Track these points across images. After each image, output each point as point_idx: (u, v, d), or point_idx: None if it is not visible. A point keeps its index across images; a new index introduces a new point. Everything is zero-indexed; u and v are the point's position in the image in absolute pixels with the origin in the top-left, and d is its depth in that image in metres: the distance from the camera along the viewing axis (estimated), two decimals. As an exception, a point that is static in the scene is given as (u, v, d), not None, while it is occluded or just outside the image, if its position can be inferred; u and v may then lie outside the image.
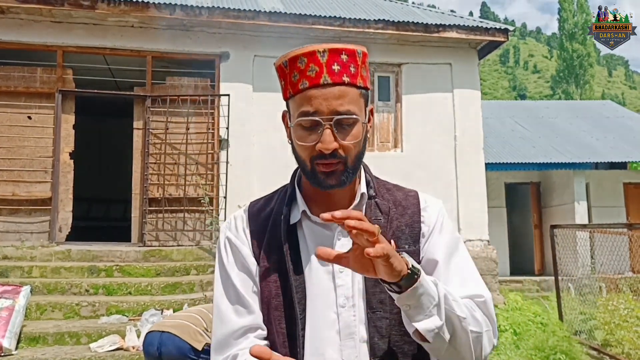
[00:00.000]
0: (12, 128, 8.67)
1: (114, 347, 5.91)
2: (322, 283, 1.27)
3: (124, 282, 7.37)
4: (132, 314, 6.76)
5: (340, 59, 1.21)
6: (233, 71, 9.19)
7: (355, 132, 1.23)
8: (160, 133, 8.96)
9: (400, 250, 1.13)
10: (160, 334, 3.71)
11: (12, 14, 8.58)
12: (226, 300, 1.30)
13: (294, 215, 1.33)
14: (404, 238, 1.31)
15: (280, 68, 1.28)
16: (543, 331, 7.26)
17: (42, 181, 8.66)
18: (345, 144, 1.22)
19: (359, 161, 1.28)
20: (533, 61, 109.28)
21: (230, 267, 1.32)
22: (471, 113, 9.91)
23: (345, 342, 1.24)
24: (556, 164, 12.75)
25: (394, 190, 1.40)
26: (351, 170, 1.25)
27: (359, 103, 1.24)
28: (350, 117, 1.21)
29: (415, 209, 1.34)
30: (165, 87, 9.22)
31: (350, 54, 1.23)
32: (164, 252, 8.28)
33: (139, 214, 8.92)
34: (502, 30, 9.87)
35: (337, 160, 1.22)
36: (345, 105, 1.21)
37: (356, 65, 1.23)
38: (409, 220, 1.33)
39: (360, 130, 1.24)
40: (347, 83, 1.21)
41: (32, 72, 8.82)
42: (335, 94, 1.20)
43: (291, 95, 1.26)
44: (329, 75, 1.20)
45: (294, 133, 1.26)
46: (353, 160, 1.25)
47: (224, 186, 8.78)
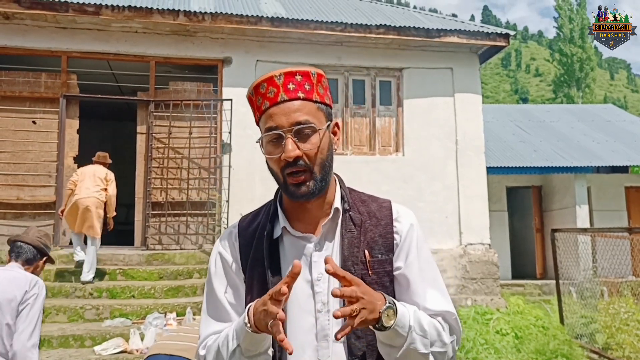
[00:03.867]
0: (17, 133, 8.74)
1: (118, 350, 5.96)
2: (303, 291, 1.37)
3: (128, 285, 7.42)
4: (135, 317, 6.82)
5: (294, 79, 1.33)
6: (235, 76, 9.25)
7: (315, 140, 1.32)
8: (163, 137, 9.02)
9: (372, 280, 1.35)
10: (169, 357, 3.68)
11: (17, 20, 8.66)
12: (208, 308, 1.46)
13: (276, 231, 1.43)
14: (377, 248, 1.40)
15: (249, 98, 1.42)
16: (544, 335, 7.29)
17: (46, 185, 8.72)
18: (307, 152, 1.31)
19: (325, 170, 1.35)
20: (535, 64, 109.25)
21: (216, 279, 1.46)
22: (472, 117, 9.96)
23: (321, 343, 1.35)
24: (558, 167, 12.77)
25: (369, 202, 1.47)
26: (319, 179, 1.34)
27: (317, 115, 1.34)
28: (309, 125, 1.31)
29: (388, 220, 1.42)
30: (169, 92, 9.29)
31: (304, 75, 1.34)
32: (166, 255, 8.33)
33: (142, 217, 8.97)
34: (503, 35, 9.92)
35: (302, 168, 1.32)
36: (302, 116, 1.31)
37: (311, 84, 1.34)
38: (382, 230, 1.41)
39: (321, 139, 1.33)
40: (302, 98, 1.33)
41: (36, 77, 8.90)
42: (292, 107, 1.31)
43: (259, 118, 1.39)
44: (285, 93, 1.32)
45: (264, 150, 1.38)
46: (319, 168, 1.33)
47: (226, 190, 8.84)
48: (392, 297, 1.27)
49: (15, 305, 2.98)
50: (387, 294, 1.27)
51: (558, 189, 13.51)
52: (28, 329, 2.95)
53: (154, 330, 6.13)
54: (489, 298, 9.43)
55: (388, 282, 1.38)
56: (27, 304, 3.00)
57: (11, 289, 3.01)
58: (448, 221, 9.57)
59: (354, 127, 9.73)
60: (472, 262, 9.58)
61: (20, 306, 2.99)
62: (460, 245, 9.63)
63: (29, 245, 3.31)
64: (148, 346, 5.92)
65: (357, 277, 1.24)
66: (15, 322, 2.96)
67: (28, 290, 3.04)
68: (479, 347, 6.58)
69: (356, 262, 1.36)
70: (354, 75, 9.84)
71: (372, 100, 9.84)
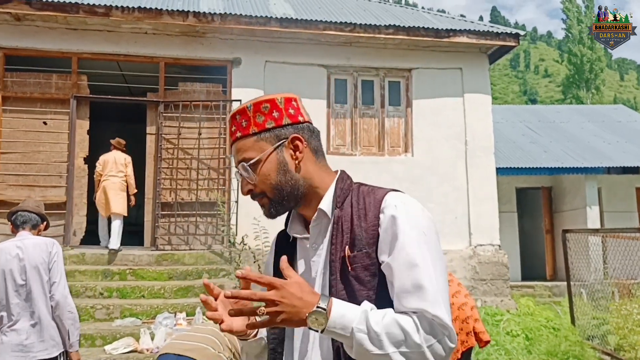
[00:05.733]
0: (28, 133, 8.80)
1: (129, 350, 5.99)
2: None
3: (138, 285, 7.45)
4: (145, 317, 6.84)
5: (235, 121, 1.48)
6: (244, 77, 9.27)
7: (262, 171, 1.45)
8: (173, 138, 9.05)
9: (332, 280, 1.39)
10: (177, 357, 3.71)
11: (28, 21, 8.72)
12: None
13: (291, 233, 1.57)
14: (360, 243, 1.40)
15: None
16: (555, 336, 7.25)
17: (57, 186, 8.77)
18: (255, 183, 1.46)
19: (279, 190, 1.46)
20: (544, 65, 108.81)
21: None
22: (482, 117, 9.92)
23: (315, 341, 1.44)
24: (568, 168, 12.69)
25: (368, 195, 1.47)
26: (275, 201, 1.47)
27: (257, 145, 1.45)
28: (248, 162, 1.45)
29: (375, 213, 1.42)
30: (178, 92, 9.32)
31: (241, 112, 1.47)
32: (176, 255, 8.35)
33: (151, 218, 9.00)
34: (513, 35, 9.88)
35: (259, 197, 1.49)
36: (242, 155, 1.46)
37: (247, 119, 1.46)
38: (367, 225, 1.41)
39: (268, 166, 1.45)
40: (240, 137, 1.47)
41: (47, 78, 8.95)
42: (235, 149, 1.48)
43: None
44: (231, 137, 1.50)
45: None
46: (271, 191, 1.46)
47: (235, 191, 8.84)
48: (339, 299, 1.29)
49: (46, 266, 3.61)
50: (367, 289, 1.36)
51: (568, 190, 13.43)
52: (62, 281, 3.64)
53: (164, 330, 6.14)
54: (499, 299, 9.39)
55: (368, 277, 1.37)
56: (54, 262, 3.64)
57: (39, 253, 3.61)
58: (457, 222, 9.54)
59: (362, 127, 9.72)
60: (482, 263, 9.53)
61: (50, 264, 3.63)
62: (470, 246, 9.59)
63: (32, 213, 3.81)
64: (158, 345, 5.94)
65: (338, 274, 1.38)
66: (49, 278, 3.61)
67: (51, 251, 3.66)
68: (489, 349, 6.54)
69: (335, 259, 1.40)
70: (362, 75, 9.83)
71: (381, 100, 9.82)
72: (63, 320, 3.57)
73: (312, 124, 1.53)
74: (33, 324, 3.54)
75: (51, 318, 3.59)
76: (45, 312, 3.56)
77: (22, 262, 3.57)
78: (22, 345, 3.49)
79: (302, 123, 1.49)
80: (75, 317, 3.64)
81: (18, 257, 3.58)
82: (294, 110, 1.49)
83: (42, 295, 3.58)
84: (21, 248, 3.62)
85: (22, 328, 3.52)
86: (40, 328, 3.54)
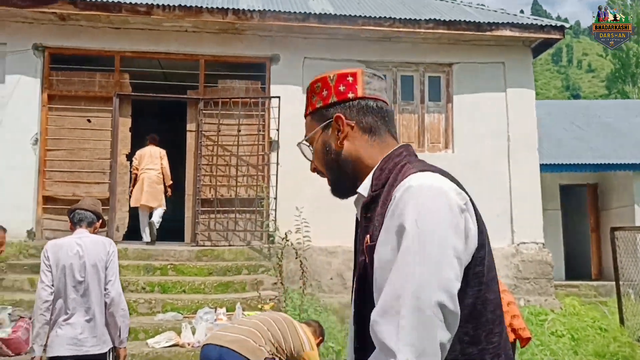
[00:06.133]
0: (73, 131, 9.00)
1: (170, 344, 6.06)
2: None
3: (178, 280, 7.53)
4: (186, 311, 6.91)
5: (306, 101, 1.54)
6: (283, 73, 9.27)
7: (315, 150, 1.49)
8: (213, 135, 9.12)
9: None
10: (219, 348, 3.74)
11: (72, 21, 8.91)
12: None
13: None
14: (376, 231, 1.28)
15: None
16: (603, 337, 7.02)
17: (101, 182, 8.94)
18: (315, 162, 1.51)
19: (330, 169, 1.47)
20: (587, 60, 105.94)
21: None
22: (525, 113, 9.68)
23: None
24: (615, 165, 12.29)
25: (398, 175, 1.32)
26: (333, 180, 1.49)
27: (312, 126, 1.49)
28: (306, 142, 1.51)
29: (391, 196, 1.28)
30: (217, 90, 9.39)
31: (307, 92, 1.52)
32: (216, 251, 8.41)
33: (191, 214, 9.09)
34: (557, 28, 9.61)
35: (320, 175, 1.52)
36: (305, 134, 1.52)
37: (308, 98, 1.51)
38: (383, 210, 1.28)
39: (317, 146, 1.48)
40: (305, 116, 1.53)
41: (91, 76, 9.13)
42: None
43: None
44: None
45: None
46: (326, 171, 1.49)
47: (274, 187, 8.86)
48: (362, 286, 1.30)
49: (104, 264, 3.74)
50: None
51: (615, 187, 13.01)
52: (117, 279, 3.80)
53: (205, 324, 6.19)
54: (543, 298, 9.15)
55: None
56: (111, 260, 3.78)
57: (98, 252, 3.75)
58: (499, 220, 9.32)
59: (402, 123, 9.60)
60: (525, 262, 9.31)
61: (107, 263, 3.76)
62: (513, 245, 9.38)
63: (88, 211, 3.93)
64: (199, 340, 5.99)
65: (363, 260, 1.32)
66: (105, 275, 3.74)
67: (109, 250, 3.80)
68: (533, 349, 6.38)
69: (359, 248, 1.40)
70: (402, 71, 9.71)
71: (421, 96, 9.69)
72: (116, 317, 3.69)
73: (371, 99, 1.44)
74: (88, 319, 3.64)
75: (104, 315, 3.71)
76: (99, 309, 3.69)
77: (82, 259, 3.69)
78: (76, 339, 3.59)
79: (352, 100, 1.44)
80: (127, 315, 3.78)
81: (78, 254, 3.69)
82: (345, 87, 1.44)
83: (98, 293, 3.71)
84: (81, 245, 3.74)
85: (77, 322, 3.62)
86: (94, 324, 3.65)
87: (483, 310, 1.22)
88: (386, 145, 1.43)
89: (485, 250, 1.25)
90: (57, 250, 3.74)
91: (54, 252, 3.74)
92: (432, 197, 1.19)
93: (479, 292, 1.22)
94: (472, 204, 1.26)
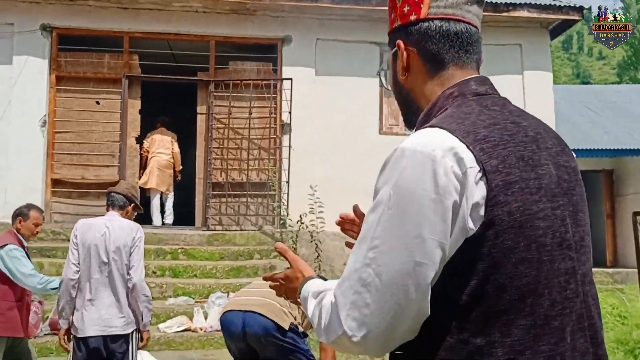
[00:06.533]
0: (82, 113, 8.86)
1: (182, 328, 5.96)
2: None
3: (190, 265, 7.42)
4: (198, 296, 6.80)
5: None
6: (295, 55, 9.08)
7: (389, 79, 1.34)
8: (224, 118, 8.96)
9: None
10: (243, 313, 3.56)
11: (81, 1, 8.74)
12: None
13: None
14: None
15: None
16: (623, 324, 6.85)
17: (110, 165, 8.82)
18: None
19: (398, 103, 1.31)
20: (598, 47, 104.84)
21: None
22: (542, 95, 9.47)
23: None
24: (631, 150, 12.05)
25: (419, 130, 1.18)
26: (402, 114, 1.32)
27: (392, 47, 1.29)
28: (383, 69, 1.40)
29: None
30: (228, 71, 9.21)
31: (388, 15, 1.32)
32: (227, 236, 8.30)
33: (202, 198, 8.96)
34: (576, 9, 9.36)
35: None
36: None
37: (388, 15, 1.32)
38: None
39: (388, 76, 1.34)
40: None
41: (99, 58, 8.98)
42: None
43: None
44: None
45: None
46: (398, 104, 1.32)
47: (286, 171, 8.70)
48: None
49: (128, 249, 3.73)
50: None
51: (632, 173, 12.77)
52: (140, 265, 3.76)
53: (217, 309, 6.06)
54: (559, 285, 8.99)
55: None
56: (136, 246, 3.76)
57: (123, 236, 3.74)
58: (515, 205, 9.15)
59: (416, 106, 9.39)
60: (541, 248, 9.14)
61: (132, 249, 3.74)
62: (528, 230, 9.20)
63: (120, 194, 3.94)
64: (212, 325, 5.88)
65: None
66: (129, 260, 3.73)
67: (135, 236, 3.78)
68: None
69: None
70: (416, 52, 9.48)
71: (436, 78, 9.46)
72: (138, 302, 3.72)
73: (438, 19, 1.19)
74: (112, 300, 3.67)
75: (127, 297, 3.73)
76: (122, 291, 3.70)
77: (107, 241, 3.72)
78: (101, 319, 3.63)
79: (414, 23, 1.21)
80: (150, 300, 3.80)
81: (105, 235, 3.73)
82: (409, 7, 1.22)
83: (121, 276, 3.71)
84: (108, 228, 3.78)
85: (102, 303, 3.66)
86: (118, 305, 3.68)
87: (496, 297, 1.03)
88: (449, 79, 1.20)
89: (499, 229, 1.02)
90: (86, 230, 3.79)
91: (83, 231, 3.79)
92: (413, 166, 1.02)
93: (486, 277, 1.02)
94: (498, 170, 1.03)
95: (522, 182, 1.04)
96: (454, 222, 1.01)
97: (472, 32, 1.21)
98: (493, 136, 1.06)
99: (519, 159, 1.06)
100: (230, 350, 3.83)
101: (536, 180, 1.06)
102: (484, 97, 1.17)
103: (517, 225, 1.02)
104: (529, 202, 1.04)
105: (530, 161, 1.08)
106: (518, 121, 1.15)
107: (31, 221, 4.25)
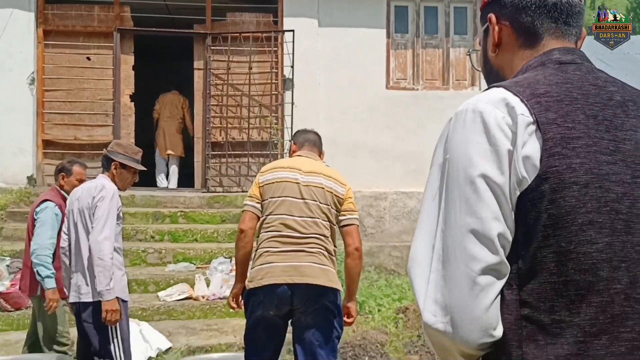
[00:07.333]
0: (72, 70, 8.38)
1: (183, 297, 5.66)
2: None
3: (189, 228, 7.10)
4: (199, 261, 6.49)
5: None
6: (297, 5, 8.52)
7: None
8: (222, 73, 8.49)
9: None
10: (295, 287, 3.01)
11: (66, -52, 8.14)
12: None
13: None
14: None
15: None
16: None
17: (104, 125, 8.40)
18: None
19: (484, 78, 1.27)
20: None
21: None
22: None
23: None
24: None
25: None
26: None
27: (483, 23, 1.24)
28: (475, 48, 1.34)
29: None
30: (226, 24, 8.68)
31: None
32: (228, 198, 7.95)
33: (201, 158, 8.57)
34: None
35: None
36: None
37: None
38: None
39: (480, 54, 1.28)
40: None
41: (89, 10, 8.44)
42: None
43: None
44: None
45: None
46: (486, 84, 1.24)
47: (289, 129, 8.28)
48: None
49: (90, 211, 3.47)
50: None
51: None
52: (98, 226, 3.41)
53: (220, 275, 5.77)
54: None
55: None
56: (96, 207, 3.45)
57: (85, 198, 3.52)
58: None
59: (425, 59, 8.90)
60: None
61: (92, 210, 3.46)
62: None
63: (103, 156, 3.72)
64: (215, 293, 5.57)
65: None
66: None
67: (95, 195, 3.48)
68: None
69: None
70: (425, 1, 8.93)
71: (446, 29, 8.94)
72: (93, 266, 3.40)
73: None
74: (81, 267, 3.52)
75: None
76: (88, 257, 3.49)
77: (78, 205, 3.56)
78: (76, 285, 3.52)
79: None
80: (105, 265, 3.36)
81: (78, 199, 3.58)
82: None
83: (86, 241, 3.49)
84: (79, 191, 3.64)
85: (76, 270, 3.54)
86: (86, 272, 3.49)
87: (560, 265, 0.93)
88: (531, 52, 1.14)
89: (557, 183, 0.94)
90: (72, 194, 3.70)
91: (70, 196, 3.73)
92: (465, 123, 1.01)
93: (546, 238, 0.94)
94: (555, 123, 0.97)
95: (589, 139, 0.97)
96: (510, 171, 0.97)
97: (573, 3, 1.12)
98: (557, 92, 1.01)
99: (590, 117, 1.00)
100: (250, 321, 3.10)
101: (613, 142, 0.99)
102: (567, 65, 1.09)
103: (581, 183, 0.95)
104: (598, 162, 0.97)
105: (606, 122, 1.00)
106: (603, 85, 1.06)
107: (75, 177, 4.08)
